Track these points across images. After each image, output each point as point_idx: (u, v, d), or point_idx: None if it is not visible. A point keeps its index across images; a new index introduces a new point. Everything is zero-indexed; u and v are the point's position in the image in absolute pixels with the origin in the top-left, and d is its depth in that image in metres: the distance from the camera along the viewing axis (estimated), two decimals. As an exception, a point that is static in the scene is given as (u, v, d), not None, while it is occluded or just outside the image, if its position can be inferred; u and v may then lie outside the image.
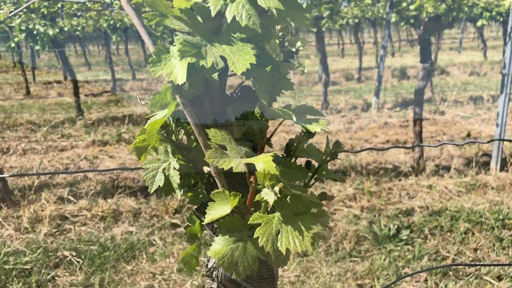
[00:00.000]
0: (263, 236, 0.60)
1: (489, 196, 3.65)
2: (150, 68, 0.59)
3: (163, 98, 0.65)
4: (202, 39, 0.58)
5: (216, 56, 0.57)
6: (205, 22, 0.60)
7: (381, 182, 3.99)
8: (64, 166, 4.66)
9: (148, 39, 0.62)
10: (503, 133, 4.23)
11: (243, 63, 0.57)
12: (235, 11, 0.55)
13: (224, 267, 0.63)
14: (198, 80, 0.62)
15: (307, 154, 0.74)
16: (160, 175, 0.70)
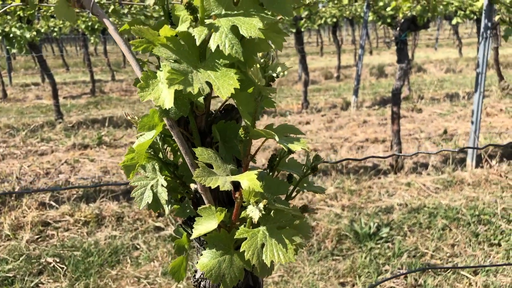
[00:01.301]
0: (248, 250, 0.64)
1: (465, 192, 3.76)
2: (139, 93, 0.62)
3: (151, 120, 0.68)
4: (188, 65, 0.61)
5: (202, 82, 0.60)
6: (190, 49, 0.63)
7: (361, 180, 4.07)
8: (45, 171, 4.62)
9: (136, 65, 0.65)
10: (477, 130, 4.36)
11: (228, 88, 0.60)
12: (219, 41, 0.59)
13: (212, 279, 0.67)
14: (184, 103, 0.65)
15: (288, 168, 0.78)
16: (148, 192, 0.73)
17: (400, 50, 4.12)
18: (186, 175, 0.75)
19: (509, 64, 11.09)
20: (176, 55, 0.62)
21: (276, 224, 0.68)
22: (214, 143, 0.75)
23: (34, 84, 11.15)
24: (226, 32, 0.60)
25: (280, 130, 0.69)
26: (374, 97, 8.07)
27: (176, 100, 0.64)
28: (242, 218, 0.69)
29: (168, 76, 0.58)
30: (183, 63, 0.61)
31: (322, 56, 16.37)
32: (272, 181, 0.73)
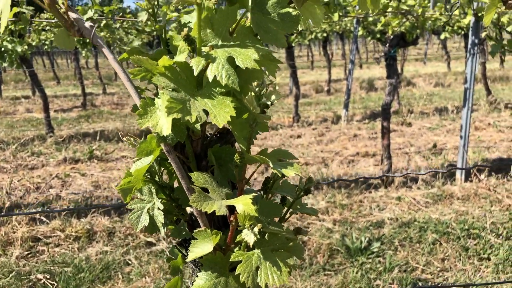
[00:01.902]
0: (244, 273, 0.66)
1: (455, 207, 3.80)
2: (137, 120, 0.64)
3: (149, 146, 0.70)
4: (186, 94, 0.63)
5: (199, 110, 0.62)
6: (188, 78, 0.65)
7: (352, 194, 4.09)
8: (35, 185, 4.60)
9: (135, 93, 0.67)
10: (466, 145, 4.41)
11: (224, 115, 0.62)
12: (216, 71, 0.61)
13: (208, 301, 0.68)
14: (181, 129, 0.67)
15: (282, 191, 0.80)
16: (145, 215, 0.75)
17: (390, 66, 4.18)
18: (182, 198, 0.77)
19: (497, 78, 11.26)
20: (174, 84, 0.64)
21: (271, 247, 0.70)
22: (210, 167, 0.77)
23: (25, 97, 11.10)
24: (223, 63, 0.62)
25: (274, 155, 0.72)
26: (364, 111, 8.14)
27: (174, 127, 0.66)
28: (238, 241, 0.71)
29: (167, 105, 0.60)
30: (181, 92, 0.63)
31: (313, 70, 16.50)
32: (266, 204, 0.75)
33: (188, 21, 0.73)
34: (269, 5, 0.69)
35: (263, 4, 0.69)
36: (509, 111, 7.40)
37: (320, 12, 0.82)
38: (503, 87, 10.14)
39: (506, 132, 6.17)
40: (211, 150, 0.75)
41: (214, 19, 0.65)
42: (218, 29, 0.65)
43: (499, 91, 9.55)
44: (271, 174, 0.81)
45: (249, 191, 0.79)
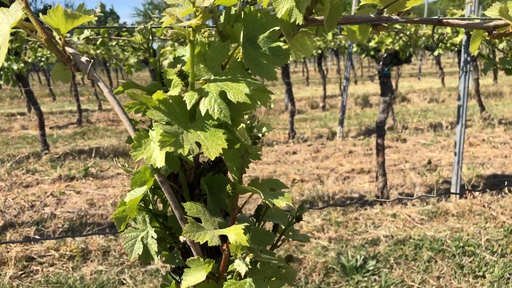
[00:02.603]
0: (236, 302, 0.67)
1: (450, 223, 3.81)
2: (131, 153, 0.65)
3: (143, 176, 0.71)
4: (179, 126, 0.65)
5: (192, 143, 0.64)
6: (181, 110, 0.67)
7: (347, 212, 4.10)
8: (30, 203, 4.58)
9: (129, 125, 0.69)
10: (460, 161, 4.44)
11: (216, 148, 0.64)
12: (208, 106, 0.63)
13: (201, 329, 0.69)
14: (174, 161, 0.69)
15: (274, 218, 0.81)
16: (138, 243, 0.76)
17: (384, 84, 4.22)
18: (175, 226, 0.78)
19: (490, 94, 11.36)
20: (168, 117, 0.65)
21: (263, 275, 0.71)
22: (203, 195, 0.79)
23: (20, 113, 11.10)
24: (215, 97, 0.64)
25: (265, 185, 0.73)
26: (359, 127, 8.19)
27: (167, 158, 0.68)
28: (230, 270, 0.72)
29: (160, 139, 0.61)
30: (174, 125, 0.65)
31: (308, 85, 16.60)
32: (259, 232, 0.77)
33: (182, 54, 0.75)
34: (260, 39, 0.72)
35: (254, 39, 0.71)
36: (503, 127, 7.46)
37: (311, 43, 0.85)
38: (497, 103, 10.23)
39: (500, 148, 6.22)
40: (204, 179, 0.76)
41: (207, 54, 0.67)
42: (210, 64, 0.67)
43: (493, 106, 9.64)
44: (262, 202, 0.82)
45: (241, 219, 0.81)
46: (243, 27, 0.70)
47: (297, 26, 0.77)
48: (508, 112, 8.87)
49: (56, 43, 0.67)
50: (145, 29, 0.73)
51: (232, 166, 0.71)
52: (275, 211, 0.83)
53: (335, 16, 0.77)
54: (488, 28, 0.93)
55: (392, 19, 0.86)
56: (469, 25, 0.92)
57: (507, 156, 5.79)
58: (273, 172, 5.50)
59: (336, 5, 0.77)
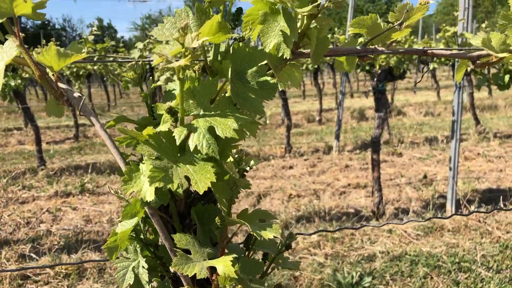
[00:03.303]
0: (225, 333, 0.68)
1: (445, 239, 3.81)
2: (122, 187, 0.67)
3: (133, 209, 0.73)
4: (168, 161, 0.67)
5: (181, 177, 0.66)
6: (171, 145, 0.68)
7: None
8: (25, 220, 4.57)
9: (120, 159, 0.70)
10: (456, 176, 4.46)
11: (205, 182, 0.66)
12: (197, 141, 0.65)
13: None
14: (164, 193, 0.70)
15: (264, 247, 0.82)
16: (130, 273, 0.77)
17: (378, 100, 4.26)
18: (166, 256, 0.79)
19: (485, 107, 11.44)
20: (158, 151, 0.67)
21: (251, 305, 0.72)
22: (193, 225, 0.80)
23: (17, 128, 11.10)
24: (204, 132, 0.66)
25: (254, 216, 0.75)
26: (356, 141, 8.22)
27: (157, 191, 0.69)
28: (220, 299, 0.73)
29: (150, 174, 0.63)
30: (164, 159, 0.67)
31: (305, 99, 16.68)
32: (248, 262, 0.78)
33: (173, 89, 0.77)
34: (248, 74, 0.74)
35: (243, 74, 0.74)
36: (498, 141, 7.50)
37: (299, 74, 0.87)
38: (492, 116, 10.30)
39: (495, 162, 6.25)
40: (194, 209, 0.78)
41: (196, 90, 0.69)
42: (199, 99, 0.69)
43: (488, 120, 9.69)
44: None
45: (232, 248, 0.82)
46: (232, 62, 0.73)
47: (284, 60, 0.80)
48: (503, 125, 8.93)
49: (49, 79, 0.69)
50: (136, 65, 0.75)
51: (221, 198, 0.72)
52: (264, 240, 0.84)
53: (322, 50, 0.80)
54: (472, 58, 0.95)
55: (378, 50, 0.88)
56: (453, 55, 0.95)
57: (502, 170, 5.81)
58: (270, 187, 5.51)
59: (323, 40, 0.80)
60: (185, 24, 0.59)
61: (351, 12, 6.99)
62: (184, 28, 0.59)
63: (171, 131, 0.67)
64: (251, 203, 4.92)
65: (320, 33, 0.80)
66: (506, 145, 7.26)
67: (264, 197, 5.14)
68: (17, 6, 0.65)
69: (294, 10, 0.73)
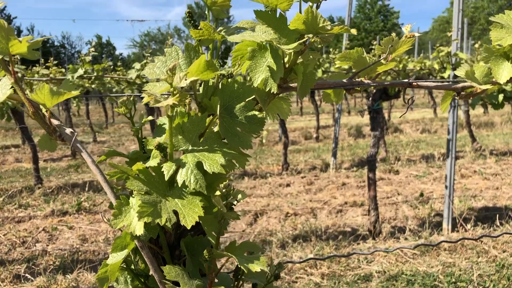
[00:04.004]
0: None
1: (442, 258, 3.81)
2: (112, 221, 0.69)
3: (123, 241, 0.74)
4: (157, 195, 0.69)
5: (169, 212, 0.67)
6: (160, 179, 0.70)
7: (340, 246, 4.10)
8: (21, 239, 4.55)
9: (111, 193, 0.72)
10: (452, 195, 4.48)
11: (193, 216, 0.67)
12: (185, 177, 0.67)
13: None
14: (153, 227, 0.72)
15: (253, 278, 0.84)
16: (120, 304, 0.78)
17: (374, 119, 4.29)
18: (156, 287, 0.80)
19: (482, 124, 11.50)
20: (147, 185, 0.69)
21: (239, 337, 0.73)
22: (183, 256, 0.81)
23: (14, 146, 11.11)
24: (192, 168, 0.67)
25: (241, 248, 0.76)
26: (353, 158, 8.24)
27: (146, 225, 0.71)
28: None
29: (139, 210, 0.65)
30: (153, 194, 0.69)
31: (302, 116, 16.76)
32: (237, 292, 0.79)
33: (163, 123, 0.79)
34: (237, 109, 0.76)
35: (231, 108, 0.76)
36: (494, 158, 7.53)
37: (287, 106, 0.89)
38: (488, 133, 10.35)
39: (491, 180, 6.27)
40: (184, 241, 0.79)
41: (185, 126, 0.71)
42: (188, 135, 0.71)
43: (484, 137, 9.74)
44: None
45: (221, 278, 0.83)
46: (221, 98, 0.75)
47: (272, 94, 0.82)
48: (499, 142, 8.97)
49: (42, 115, 0.71)
50: (127, 101, 0.77)
51: (209, 230, 0.74)
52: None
53: (308, 84, 0.82)
54: (456, 90, 0.98)
55: (364, 83, 0.91)
56: (438, 87, 0.98)
57: (498, 188, 5.83)
58: (267, 206, 5.51)
59: (309, 74, 0.82)
60: (173, 66, 0.61)
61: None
62: (172, 69, 0.61)
63: (160, 166, 0.69)
64: (248, 222, 4.92)
65: (307, 68, 0.82)
66: (502, 162, 7.29)
67: (261, 216, 5.14)
68: (13, 46, 0.68)
69: (280, 48, 0.76)
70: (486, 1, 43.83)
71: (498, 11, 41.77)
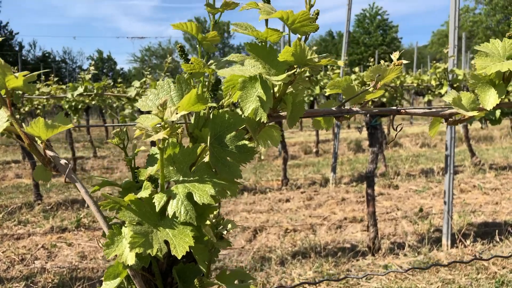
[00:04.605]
0: None
1: (441, 275, 3.80)
2: (104, 251, 0.70)
3: (116, 270, 0.75)
4: (149, 225, 0.70)
5: (160, 242, 0.69)
6: (152, 209, 0.72)
7: (339, 263, 4.09)
8: (20, 257, 4.54)
9: (104, 223, 0.74)
10: (451, 210, 4.48)
11: (183, 246, 0.69)
12: (175, 208, 0.68)
13: None
14: (145, 256, 0.73)
15: (244, 304, 0.85)
16: (113, 331, 0.79)
17: (372, 135, 4.31)
18: (149, 314, 0.82)
19: (481, 138, 11.53)
20: (139, 216, 0.71)
21: None
22: (175, 283, 0.83)
23: (15, 161, 11.12)
24: (182, 199, 0.69)
25: (232, 277, 0.78)
26: (352, 173, 8.25)
27: (138, 254, 0.72)
28: None
29: (130, 240, 0.66)
30: (144, 224, 0.70)
31: (302, 130, 16.79)
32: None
33: (156, 153, 0.81)
34: (227, 138, 0.78)
35: (222, 138, 0.78)
36: (493, 172, 7.54)
37: (277, 134, 0.91)
38: (487, 147, 10.37)
39: (491, 195, 6.27)
40: (176, 268, 0.81)
41: (176, 157, 0.73)
42: (179, 166, 0.73)
43: (484, 151, 9.76)
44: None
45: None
46: (212, 128, 0.77)
47: (262, 123, 0.84)
48: (498, 156, 8.98)
49: (38, 146, 0.73)
50: (120, 132, 0.79)
51: (200, 259, 0.75)
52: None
53: (298, 113, 0.84)
54: (444, 116, 1.00)
55: (353, 111, 0.93)
56: (426, 114, 1.00)
57: (498, 203, 5.83)
58: (266, 222, 5.50)
59: (298, 104, 0.84)
60: (164, 101, 0.63)
61: (345, 47, 7.14)
62: (163, 105, 0.63)
63: (152, 197, 0.71)
64: (247, 238, 4.91)
65: (296, 98, 0.84)
66: (502, 177, 7.29)
67: (260, 232, 5.13)
68: (9, 80, 0.70)
69: (269, 79, 0.78)
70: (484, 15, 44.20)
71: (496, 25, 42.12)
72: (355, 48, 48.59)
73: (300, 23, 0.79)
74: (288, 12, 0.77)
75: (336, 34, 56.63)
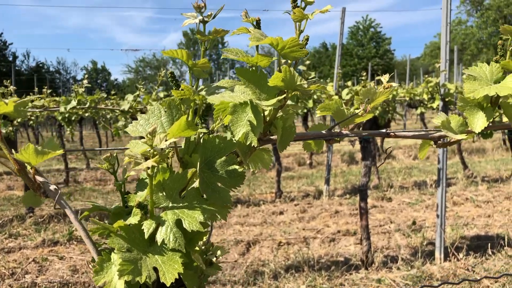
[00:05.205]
0: None
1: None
2: (93, 278, 0.70)
3: (105, 296, 0.75)
4: (138, 252, 0.70)
5: (149, 269, 0.69)
6: (141, 235, 0.72)
7: (333, 277, 4.08)
8: (10, 271, 4.49)
9: (93, 249, 0.74)
10: (443, 224, 4.49)
11: (172, 273, 0.69)
12: (164, 235, 0.68)
13: None
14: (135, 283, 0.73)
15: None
16: None
17: (364, 148, 4.33)
18: None
19: (473, 150, 11.60)
20: (128, 242, 0.70)
21: None
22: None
23: (6, 173, 11.05)
24: (171, 226, 0.69)
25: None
26: (346, 185, 8.26)
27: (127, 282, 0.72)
28: None
29: (119, 268, 0.66)
30: (133, 251, 0.70)
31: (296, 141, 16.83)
32: None
33: (146, 177, 0.81)
34: (217, 163, 0.78)
35: (212, 163, 0.78)
36: (486, 185, 7.58)
37: (268, 157, 0.92)
38: (480, 159, 10.43)
39: (483, 207, 6.29)
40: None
41: (166, 184, 0.73)
42: (169, 192, 0.73)
43: (476, 163, 9.81)
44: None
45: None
46: (202, 153, 0.77)
47: (252, 147, 0.85)
48: (490, 169, 9.03)
49: (28, 172, 0.73)
50: (111, 157, 0.79)
51: (190, 285, 0.75)
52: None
53: (288, 137, 0.85)
54: (433, 139, 1.01)
55: (343, 134, 0.94)
56: (416, 137, 1.01)
57: (490, 216, 5.85)
58: (259, 235, 5.49)
59: (288, 128, 0.85)
60: (152, 129, 0.64)
61: (338, 60, 7.19)
62: (152, 133, 0.64)
63: (141, 224, 0.71)
64: (240, 252, 4.89)
65: (286, 122, 0.85)
66: (494, 189, 7.33)
67: (254, 245, 5.12)
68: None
69: (259, 104, 0.79)
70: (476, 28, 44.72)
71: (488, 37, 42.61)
72: (348, 60, 48.95)
73: (289, 49, 0.80)
74: (278, 38, 0.78)
75: (330, 46, 57.03)
